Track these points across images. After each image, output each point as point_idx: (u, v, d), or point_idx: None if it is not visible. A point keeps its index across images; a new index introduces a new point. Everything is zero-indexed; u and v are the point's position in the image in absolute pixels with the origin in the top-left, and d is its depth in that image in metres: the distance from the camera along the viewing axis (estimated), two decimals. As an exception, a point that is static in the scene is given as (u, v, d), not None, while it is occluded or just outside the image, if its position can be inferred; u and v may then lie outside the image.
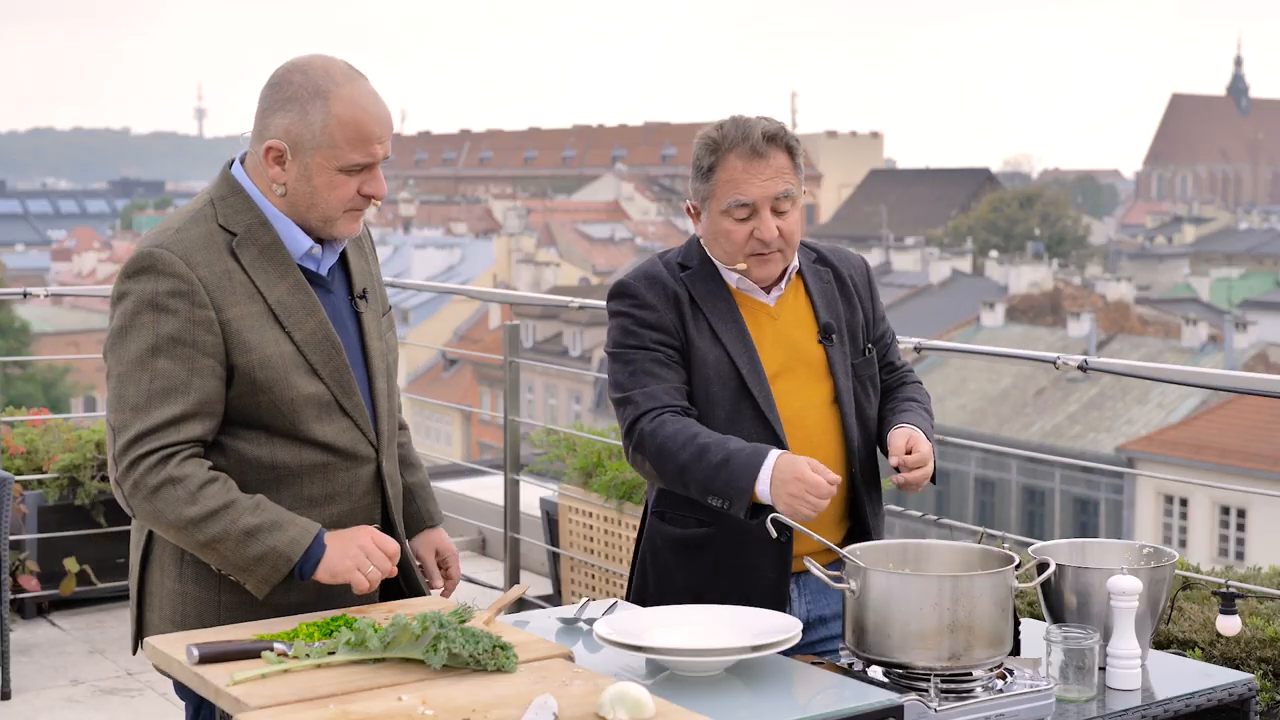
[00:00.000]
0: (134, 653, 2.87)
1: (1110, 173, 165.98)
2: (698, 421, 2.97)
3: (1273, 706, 3.69)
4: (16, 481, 5.81)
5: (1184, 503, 29.44)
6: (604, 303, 3.15)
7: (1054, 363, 4.58)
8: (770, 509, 2.81)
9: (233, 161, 2.82)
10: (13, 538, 5.92)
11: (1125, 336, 41.22)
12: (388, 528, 2.89)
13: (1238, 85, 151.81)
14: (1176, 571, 3.22)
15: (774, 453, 2.84)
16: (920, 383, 3.30)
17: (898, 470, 2.99)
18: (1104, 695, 2.68)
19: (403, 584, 2.95)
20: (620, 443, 6.03)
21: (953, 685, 2.58)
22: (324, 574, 2.67)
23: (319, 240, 2.81)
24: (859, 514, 3.10)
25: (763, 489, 2.82)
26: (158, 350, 2.64)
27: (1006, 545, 4.51)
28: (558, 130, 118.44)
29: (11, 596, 5.84)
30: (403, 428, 3.09)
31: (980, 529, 4.74)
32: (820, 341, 3.08)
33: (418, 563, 3.04)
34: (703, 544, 3.04)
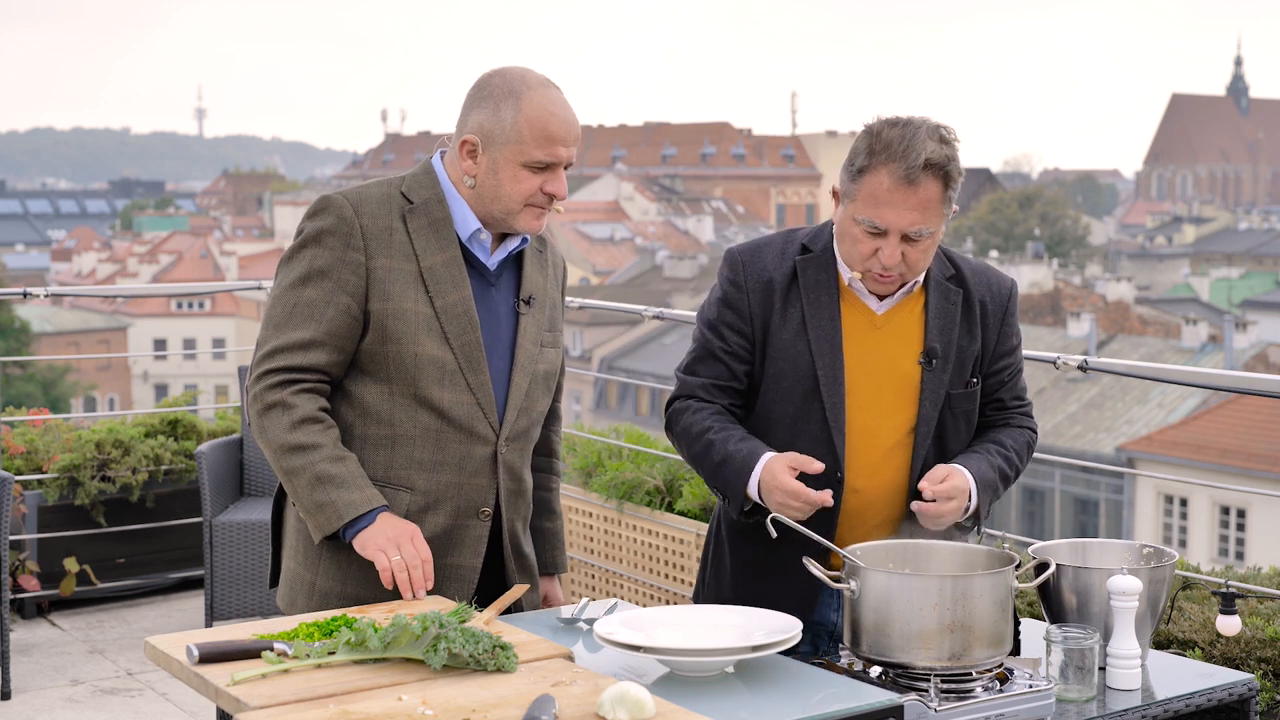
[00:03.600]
0: (270, 586, 3.10)
1: (1110, 173, 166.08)
2: (730, 413, 2.98)
3: (1273, 706, 3.69)
4: (16, 481, 5.82)
5: (1184, 503, 29.43)
6: (604, 303, 3.18)
7: (1054, 363, 4.58)
8: (764, 509, 2.85)
9: (434, 154, 3.04)
10: (13, 538, 5.93)
11: (1125, 336, 41.23)
12: (498, 520, 3.00)
13: (1238, 85, 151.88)
14: (1176, 571, 3.22)
15: (764, 457, 2.85)
16: (1030, 428, 3.08)
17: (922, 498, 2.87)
18: (1104, 695, 2.68)
19: (505, 580, 3.06)
20: (619, 443, 6.05)
21: (953, 685, 2.58)
22: (358, 543, 2.81)
23: (501, 238, 2.99)
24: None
25: (754, 492, 2.87)
26: (307, 280, 2.89)
27: (1006, 545, 4.51)
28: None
29: (11, 596, 5.85)
30: (555, 473, 3.27)
31: (980, 529, 4.73)
32: (919, 363, 2.94)
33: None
34: (749, 531, 2.99)
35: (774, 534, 2.82)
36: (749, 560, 3.02)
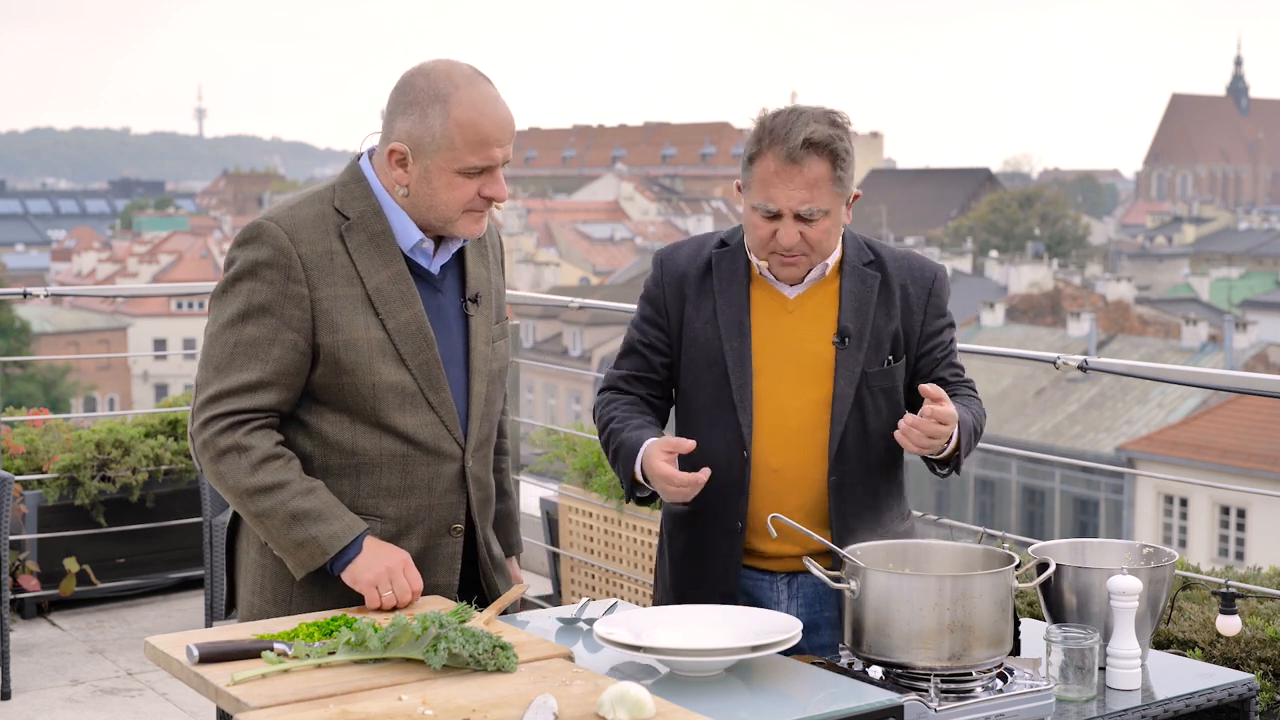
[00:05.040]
0: (225, 615, 2.99)
1: (1110, 173, 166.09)
2: (647, 403, 3.10)
3: (1273, 706, 3.69)
4: (16, 481, 5.81)
5: (1184, 503, 29.43)
6: (604, 303, 3.21)
7: (1054, 363, 4.58)
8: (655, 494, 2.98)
9: (361, 155, 2.88)
10: (13, 538, 5.92)
11: (1125, 336, 41.22)
12: (471, 530, 2.94)
13: (1238, 85, 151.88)
14: (1176, 571, 3.22)
15: (646, 443, 2.93)
16: (976, 396, 3.13)
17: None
18: (1104, 695, 2.68)
19: (485, 590, 3.01)
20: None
21: (953, 685, 2.58)
22: (348, 576, 2.74)
23: (439, 239, 2.87)
24: (843, 524, 2.99)
25: (640, 476, 2.95)
26: (247, 316, 2.73)
27: (1006, 545, 4.51)
28: (558, 130, 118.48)
29: (11, 596, 5.84)
30: (504, 452, 3.17)
31: (980, 529, 4.74)
32: (833, 342, 3.01)
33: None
34: (684, 520, 3.10)
35: (774, 534, 2.87)
36: (681, 548, 3.11)
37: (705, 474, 2.86)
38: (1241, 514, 28.36)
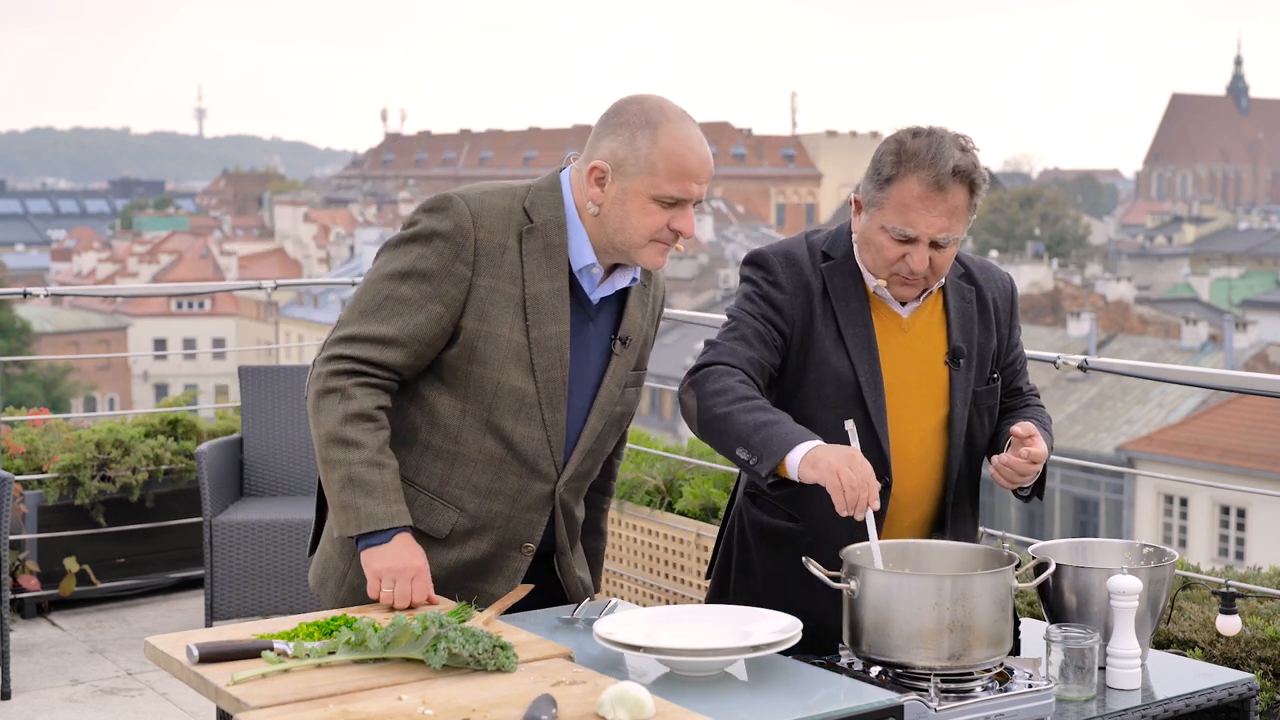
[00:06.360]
0: (310, 553, 3.06)
1: (1110, 173, 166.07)
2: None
3: (1273, 706, 3.69)
4: (16, 481, 5.81)
5: (1184, 503, 29.44)
6: None
7: (1054, 363, 4.59)
8: (790, 483, 2.72)
9: (562, 168, 2.92)
10: (13, 538, 5.93)
11: (1125, 336, 41.24)
12: (546, 553, 2.97)
13: (1238, 85, 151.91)
14: (1176, 571, 3.22)
15: (819, 441, 2.71)
16: (1044, 407, 3.18)
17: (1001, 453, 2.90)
18: (1104, 695, 2.68)
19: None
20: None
21: (953, 685, 2.58)
22: (364, 557, 2.78)
23: (612, 270, 2.89)
24: (950, 537, 3.03)
25: (794, 460, 2.68)
26: (407, 276, 2.80)
27: (1006, 545, 4.51)
28: (558, 130, 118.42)
29: (11, 596, 5.85)
30: (608, 494, 3.19)
31: (980, 529, 4.74)
32: (946, 363, 2.99)
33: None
34: (787, 538, 3.00)
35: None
36: (784, 568, 2.97)
37: (876, 497, 2.65)
38: (1241, 514, 28.36)
